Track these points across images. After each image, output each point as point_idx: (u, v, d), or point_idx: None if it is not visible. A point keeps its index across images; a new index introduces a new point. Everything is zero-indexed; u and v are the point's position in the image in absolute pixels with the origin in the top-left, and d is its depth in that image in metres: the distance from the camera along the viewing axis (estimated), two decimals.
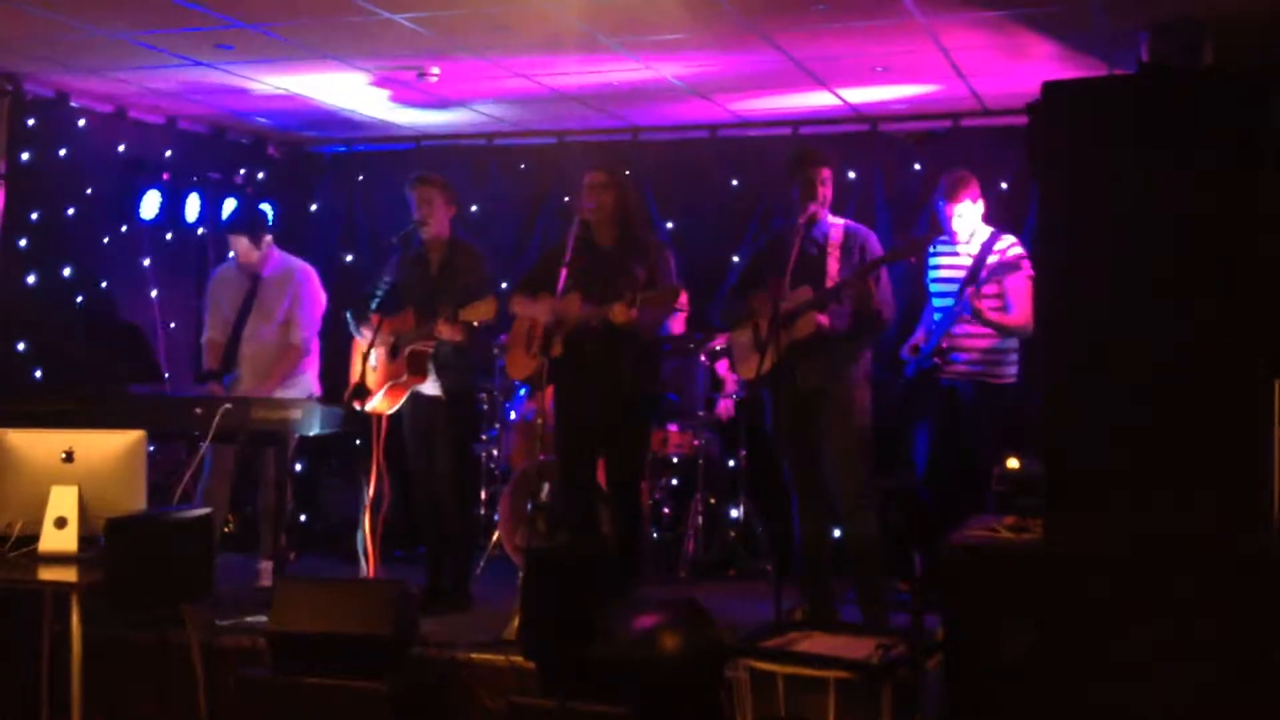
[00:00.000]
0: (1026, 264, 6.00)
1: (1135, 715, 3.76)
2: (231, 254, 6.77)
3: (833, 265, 5.65)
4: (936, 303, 6.22)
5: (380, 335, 6.08)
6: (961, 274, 6.08)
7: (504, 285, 6.77)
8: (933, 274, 6.25)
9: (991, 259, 6.04)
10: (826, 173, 5.74)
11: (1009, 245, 6.08)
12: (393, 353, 6.09)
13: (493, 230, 8.01)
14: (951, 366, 6.10)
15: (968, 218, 6.14)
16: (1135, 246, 3.88)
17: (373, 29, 5.85)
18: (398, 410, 6.15)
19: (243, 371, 6.53)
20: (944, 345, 6.11)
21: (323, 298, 6.70)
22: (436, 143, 8.43)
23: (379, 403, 6.11)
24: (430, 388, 6.08)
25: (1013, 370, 6.12)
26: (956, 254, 6.18)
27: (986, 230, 6.18)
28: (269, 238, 6.65)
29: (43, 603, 5.17)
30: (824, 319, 5.52)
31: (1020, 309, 5.98)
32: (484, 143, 8.36)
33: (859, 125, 7.61)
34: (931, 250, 6.24)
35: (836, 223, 5.79)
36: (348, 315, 6.37)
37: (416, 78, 6.76)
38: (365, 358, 6.12)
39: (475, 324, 5.85)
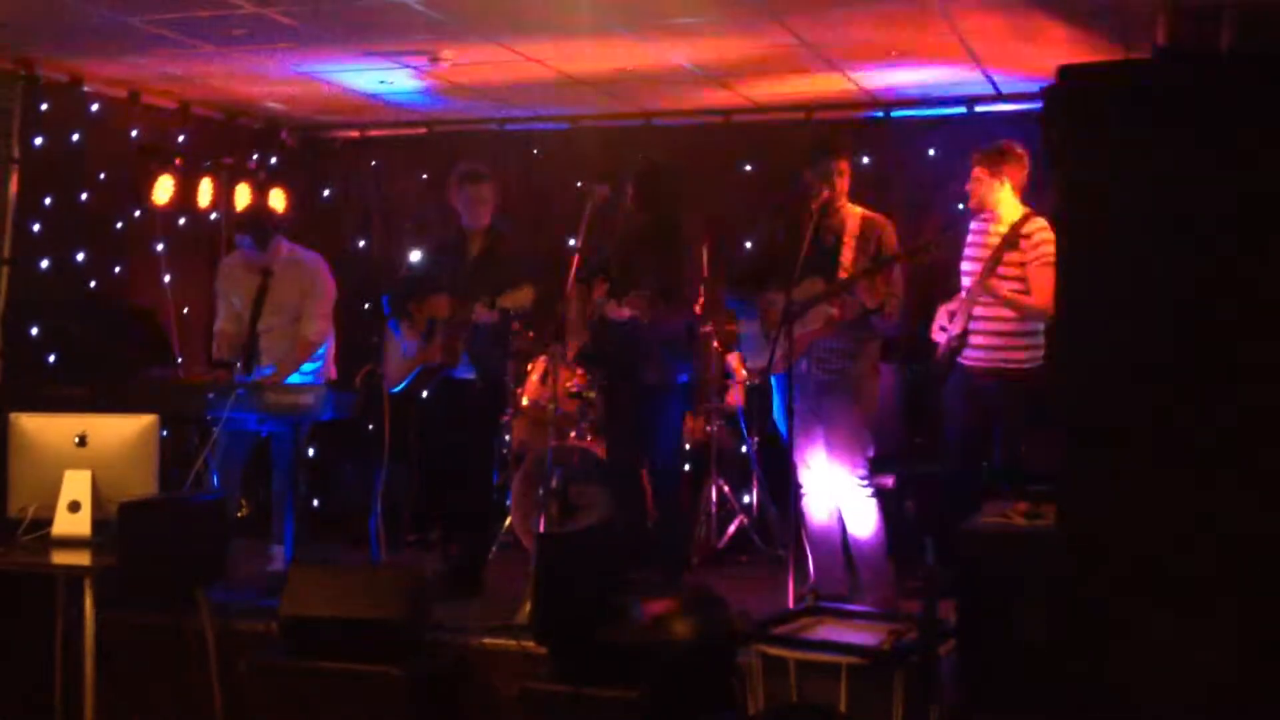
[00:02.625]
0: (1045, 247, 5.81)
1: (1150, 702, 3.75)
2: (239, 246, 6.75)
3: (847, 255, 5.66)
4: (966, 280, 6.09)
5: (414, 319, 6.14)
6: (988, 252, 5.92)
7: None
8: (966, 251, 6.10)
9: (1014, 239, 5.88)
10: (844, 164, 5.73)
11: (1037, 229, 5.81)
12: (426, 336, 6.14)
13: (505, 215, 8.00)
14: (971, 350, 6.00)
15: (981, 185, 5.93)
16: (1153, 229, 3.85)
17: (385, 13, 5.84)
18: (424, 394, 6.21)
19: (263, 364, 6.52)
20: (964, 328, 5.97)
21: (333, 288, 6.69)
22: (449, 128, 8.42)
23: (410, 386, 6.17)
24: (462, 371, 6.12)
25: (1037, 354, 5.96)
26: (986, 230, 5.97)
27: (1019, 211, 5.92)
28: (277, 237, 6.62)
29: (56, 587, 5.18)
30: (835, 312, 5.53)
31: (1039, 292, 5.82)
32: (496, 128, 8.35)
33: (873, 110, 7.58)
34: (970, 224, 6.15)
35: (854, 212, 5.79)
36: (383, 300, 6.39)
37: (429, 62, 6.74)
38: (385, 341, 6.17)
39: (511, 311, 5.90)
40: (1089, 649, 3.82)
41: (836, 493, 5.76)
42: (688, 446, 7.21)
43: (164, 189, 7.54)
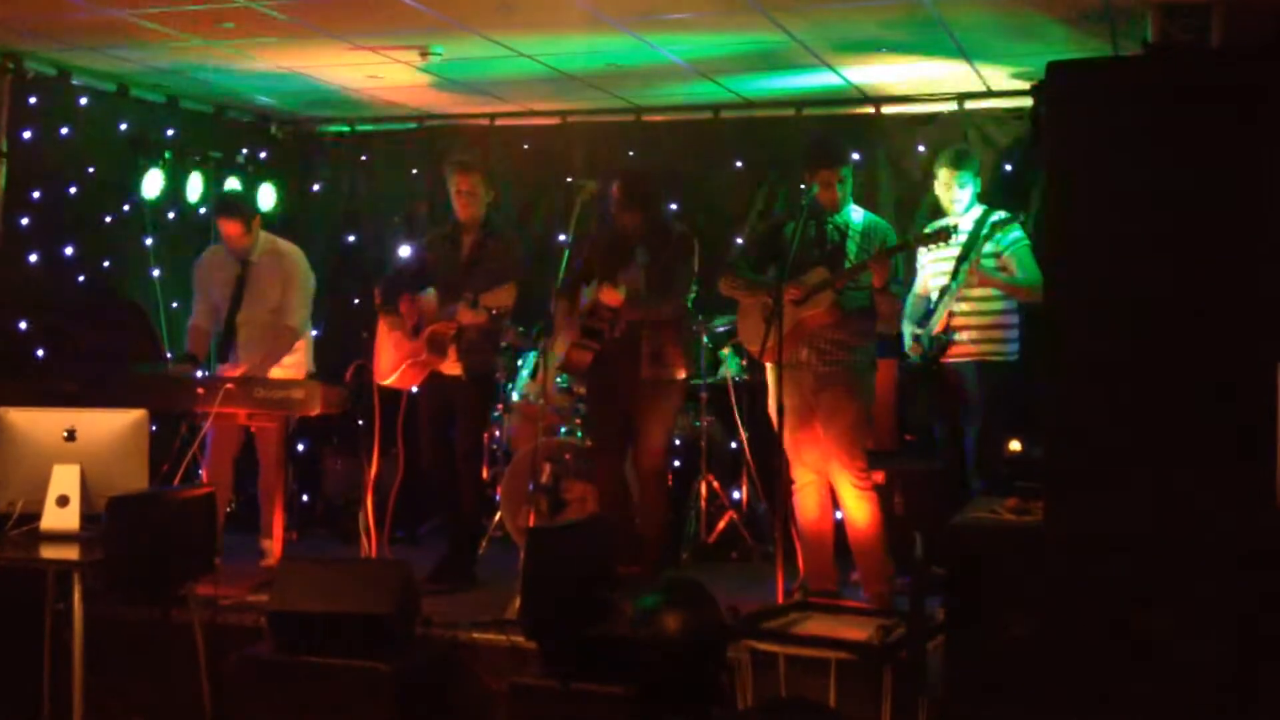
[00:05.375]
0: (1015, 232, 5.95)
1: (1136, 697, 3.76)
2: (220, 238, 6.72)
3: (853, 250, 5.70)
4: (933, 282, 6.17)
5: (403, 308, 6.15)
6: (956, 250, 6.03)
7: None
8: (934, 252, 6.19)
9: (985, 230, 6.00)
10: (844, 172, 5.78)
11: (1003, 220, 6.02)
12: (414, 331, 6.15)
13: (495, 210, 8.01)
14: (953, 347, 6.05)
15: (968, 190, 6.11)
16: (1140, 227, 3.86)
17: (374, 7, 5.83)
18: (414, 389, 6.21)
19: (240, 357, 6.51)
20: (946, 325, 6.05)
21: (312, 279, 6.67)
22: (439, 122, 8.41)
23: (397, 380, 6.17)
24: (450, 367, 6.12)
25: (1014, 346, 6.07)
26: (946, 222, 6.10)
27: (980, 208, 6.14)
28: (257, 220, 6.60)
29: (45, 581, 5.17)
30: (837, 299, 5.56)
31: (1028, 274, 5.94)
32: (487, 122, 8.34)
33: (863, 106, 7.59)
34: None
35: (857, 212, 5.85)
36: (376, 291, 6.39)
37: (419, 56, 6.73)
38: (375, 336, 6.18)
39: (494, 311, 5.90)
40: (1077, 645, 3.83)
41: (834, 485, 5.77)
42: (678, 442, 7.22)
43: (153, 183, 7.52)
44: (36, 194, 7.00)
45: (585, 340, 5.88)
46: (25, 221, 6.93)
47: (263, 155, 8.47)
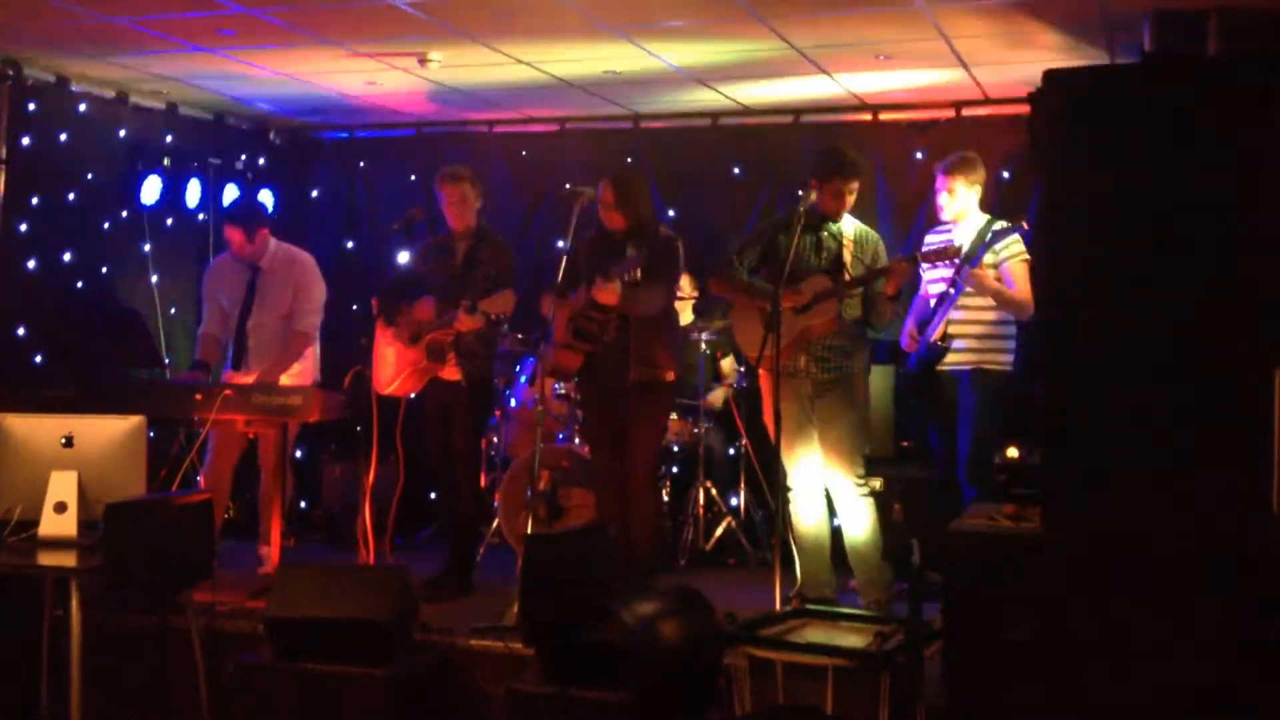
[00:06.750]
0: (1016, 246, 5.93)
1: (1134, 703, 3.77)
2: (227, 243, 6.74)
3: (849, 258, 5.72)
4: (932, 289, 6.17)
5: (402, 321, 6.15)
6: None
7: None
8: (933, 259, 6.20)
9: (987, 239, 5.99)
10: (856, 184, 5.78)
11: (1003, 230, 5.98)
12: (413, 339, 6.15)
13: (493, 217, 8.00)
14: (949, 355, 6.05)
15: (958, 197, 6.10)
16: (1137, 235, 3.87)
17: (373, 14, 5.84)
18: (411, 395, 6.21)
19: (251, 363, 6.52)
20: (944, 333, 6.05)
21: (323, 285, 6.69)
22: (437, 129, 8.42)
23: (397, 388, 6.17)
24: (449, 373, 6.13)
25: (1010, 357, 6.07)
26: (951, 240, 6.07)
27: (983, 217, 6.10)
28: (265, 231, 6.60)
29: (43, 588, 5.17)
30: (838, 309, 5.56)
31: (1019, 289, 5.93)
32: (485, 129, 8.35)
33: (861, 113, 7.60)
34: (927, 235, 6.27)
35: (848, 221, 5.86)
36: (374, 301, 6.40)
37: (418, 63, 6.74)
38: (373, 343, 6.19)
39: (493, 316, 5.89)
40: (1074, 651, 3.83)
41: (832, 493, 5.77)
42: (675, 448, 7.22)
43: (152, 189, 7.53)
44: (35, 200, 7.00)
45: (576, 342, 5.84)
46: (24, 228, 6.93)
47: (261, 162, 8.48)
